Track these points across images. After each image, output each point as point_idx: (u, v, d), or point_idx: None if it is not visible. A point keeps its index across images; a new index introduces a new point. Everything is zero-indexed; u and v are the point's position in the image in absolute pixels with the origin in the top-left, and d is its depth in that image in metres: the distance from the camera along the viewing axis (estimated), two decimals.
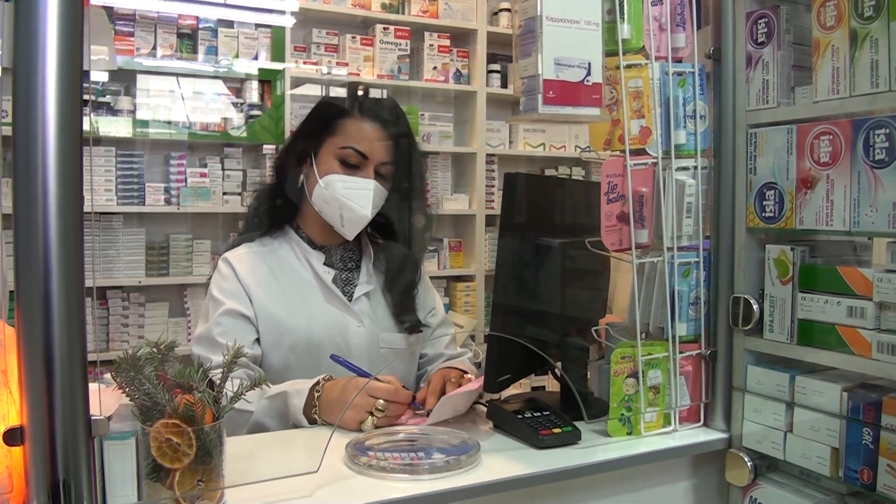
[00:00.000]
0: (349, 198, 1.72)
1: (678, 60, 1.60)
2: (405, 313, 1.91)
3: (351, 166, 1.74)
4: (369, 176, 1.74)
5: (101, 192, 3.57)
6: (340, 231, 1.79)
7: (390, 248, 1.95)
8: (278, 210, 1.89)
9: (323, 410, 1.57)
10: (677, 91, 1.58)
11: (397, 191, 1.81)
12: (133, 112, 3.67)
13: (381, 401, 1.54)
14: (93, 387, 1.05)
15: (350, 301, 1.85)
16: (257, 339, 1.78)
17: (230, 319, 1.74)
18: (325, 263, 1.85)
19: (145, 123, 3.70)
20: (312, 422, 1.58)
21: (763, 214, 1.54)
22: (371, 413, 1.54)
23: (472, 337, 4.00)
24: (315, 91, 4.16)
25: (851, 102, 1.39)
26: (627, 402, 1.56)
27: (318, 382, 1.61)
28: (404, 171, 1.80)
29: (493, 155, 4.45)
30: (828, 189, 1.42)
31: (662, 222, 1.57)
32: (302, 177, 1.82)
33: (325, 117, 1.80)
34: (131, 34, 3.65)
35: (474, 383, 1.62)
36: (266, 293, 1.78)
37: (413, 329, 1.92)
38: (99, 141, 3.61)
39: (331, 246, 1.88)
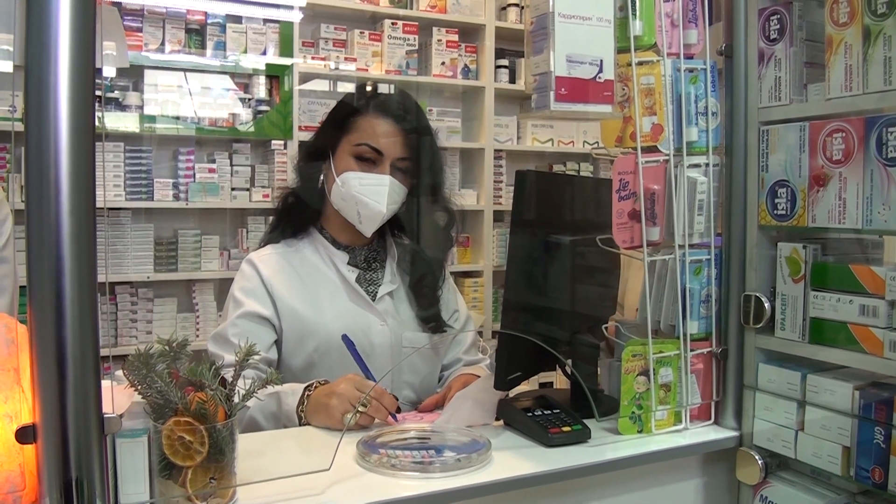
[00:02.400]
0: (365, 194, 1.73)
1: (690, 57, 1.59)
2: (429, 313, 1.91)
3: (366, 162, 1.75)
4: (385, 172, 1.74)
5: (109, 187, 3.56)
6: (359, 228, 1.79)
7: (414, 247, 1.95)
8: (302, 211, 1.89)
9: (309, 410, 1.57)
10: (689, 88, 1.57)
11: (416, 186, 1.82)
12: (141, 108, 3.67)
13: (366, 396, 1.52)
14: (105, 384, 1.05)
15: (374, 300, 1.85)
16: (276, 342, 1.78)
17: (247, 322, 1.74)
18: (348, 263, 1.85)
19: (153, 119, 3.70)
20: (302, 422, 1.58)
21: (775, 212, 1.53)
22: (355, 407, 1.50)
23: (480, 333, 4.00)
24: (323, 86, 4.16)
25: (864, 100, 1.38)
26: (638, 399, 1.56)
27: (311, 384, 1.61)
28: (422, 167, 1.81)
29: (501, 150, 4.44)
30: (840, 187, 1.41)
31: (674, 220, 1.56)
32: (322, 177, 1.83)
33: (341, 116, 1.81)
34: (139, 29, 3.65)
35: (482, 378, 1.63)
36: (290, 293, 1.78)
37: (437, 329, 1.91)
38: (106, 136, 3.61)
39: (355, 246, 1.88)
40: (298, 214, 1.90)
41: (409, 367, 1.88)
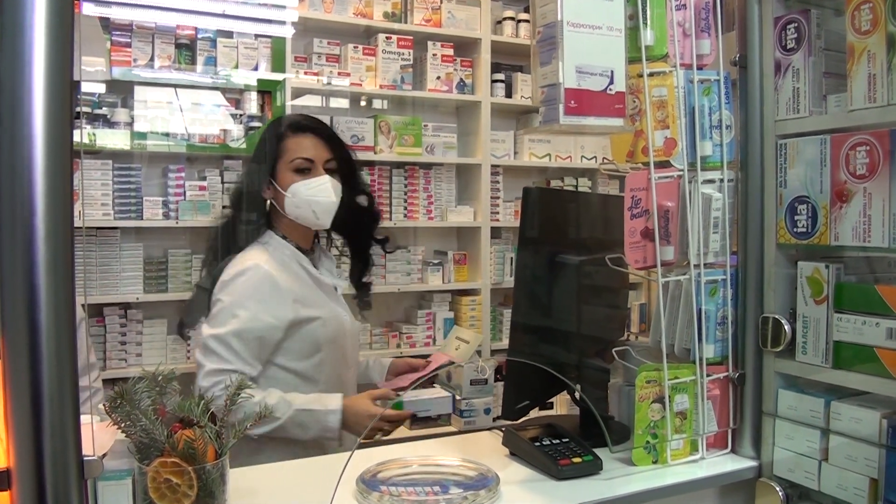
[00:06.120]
0: (313, 195, 1.99)
1: (702, 67, 1.52)
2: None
3: (303, 172, 2.01)
4: (321, 173, 2.01)
5: (97, 206, 3.47)
6: (316, 224, 2.04)
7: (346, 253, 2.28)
8: (261, 219, 2.08)
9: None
10: (702, 100, 1.51)
11: (345, 181, 2.07)
12: (130, 124, 3.58)
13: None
14: (85, 420, 0.97)
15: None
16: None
17: (252, 335, 1.86)
18: (313, 265, 2.09)
19: (143, 136, 3.60)
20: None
21: (795, 230, 1.46)
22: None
23: (479, 352, 3.91)
24: (316, 102, 4.08)
25: (890, 111, 1.32)
26: (653, 428, 1.48)
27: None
28: (344, 162, 2.08)
29: (497, 166, 4.36)
30: (865, 203, 1.34)
31: (688, 238, 1.49)
32: (269, 200, 2.06)
33: (271, 146, 2.07)
34: (128, 45, 3.56)
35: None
36: (294, 292, 1.95)
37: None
38: (97, 153, 3.52)
39: (307, 249, 2.11)
40: (259, 222, 2.09)
41: (357, 350, 2.19)
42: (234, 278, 1.91)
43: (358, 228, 2.21)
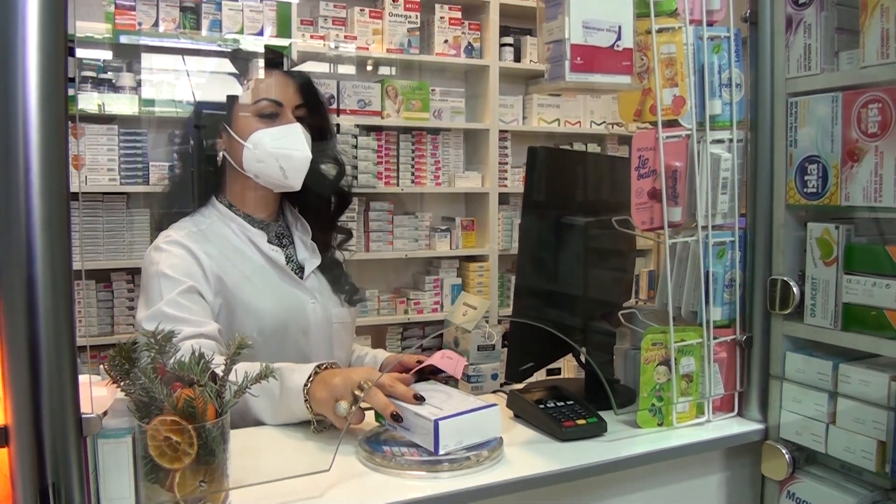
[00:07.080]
0: (284, 146, 1.66)
1: (712, 24, 1.49)
2: (345, 287, 1.85)
3: (268, 118, 1.68)
4: (291, 120, 1.69)
5: (103, 171, 3.47)
6: (283, 184, 1.70)
7: (322, 223, 1.88)
8: (200, 186, 1.80)
9: (314, 392, 1.38)
10: (712, 57, 1.48)
11: (315, 133, 1.75)
12: (135, 89, 3.56)
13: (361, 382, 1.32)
14: (83, 379, 0.96)
15: (302, 279, 1.78)
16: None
17: (188, 300, 1.58)
18: (269, 242, 1.76)
19: (150, 102, 3.59)
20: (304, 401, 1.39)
21: (805, 190, 1.43)
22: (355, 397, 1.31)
23: (486, 319, 3.90)
24: (322, 67, 4.05)
25: None
26: (658, 391, 1.47)
27: (321, 364, 1.43)
28: (316, 114, 1.76)
29: (506, 131, 4.33)
30: (877, 162, 1.32)
31: (696, 199, 1.47)
32: (222, 153, 1.73)
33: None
34: (132, 8, 3.54)
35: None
36: (227, 276, 1.66)
37: (353, 302, 1.87)
38: (110, 121, 3.51)
39: (269, 221, 1.79)
40: (198, 190, 1.80)
41: (338, 343, 1.81)
42: (146, 263, 1.64)
43: (316, 204, 1.86)
